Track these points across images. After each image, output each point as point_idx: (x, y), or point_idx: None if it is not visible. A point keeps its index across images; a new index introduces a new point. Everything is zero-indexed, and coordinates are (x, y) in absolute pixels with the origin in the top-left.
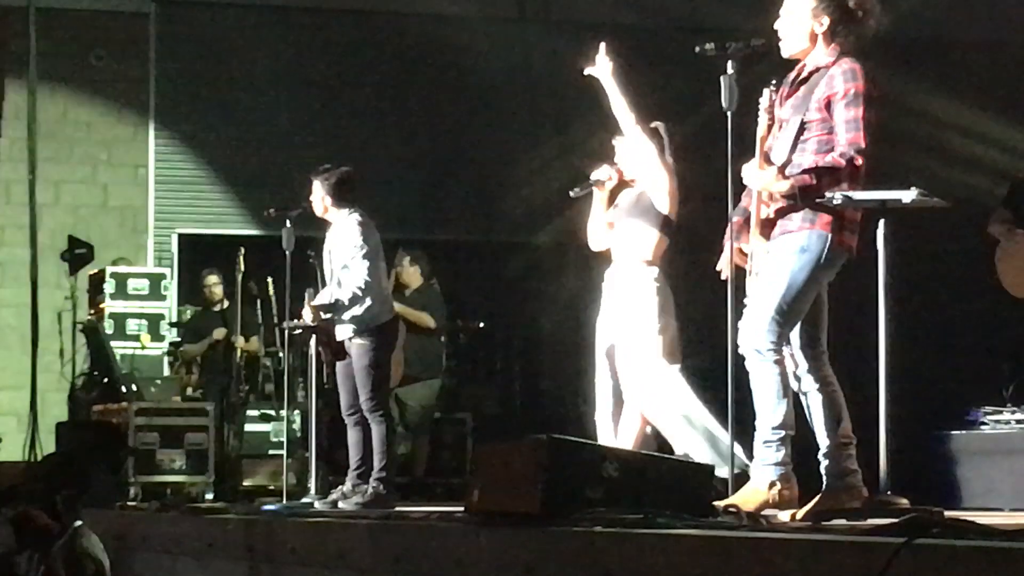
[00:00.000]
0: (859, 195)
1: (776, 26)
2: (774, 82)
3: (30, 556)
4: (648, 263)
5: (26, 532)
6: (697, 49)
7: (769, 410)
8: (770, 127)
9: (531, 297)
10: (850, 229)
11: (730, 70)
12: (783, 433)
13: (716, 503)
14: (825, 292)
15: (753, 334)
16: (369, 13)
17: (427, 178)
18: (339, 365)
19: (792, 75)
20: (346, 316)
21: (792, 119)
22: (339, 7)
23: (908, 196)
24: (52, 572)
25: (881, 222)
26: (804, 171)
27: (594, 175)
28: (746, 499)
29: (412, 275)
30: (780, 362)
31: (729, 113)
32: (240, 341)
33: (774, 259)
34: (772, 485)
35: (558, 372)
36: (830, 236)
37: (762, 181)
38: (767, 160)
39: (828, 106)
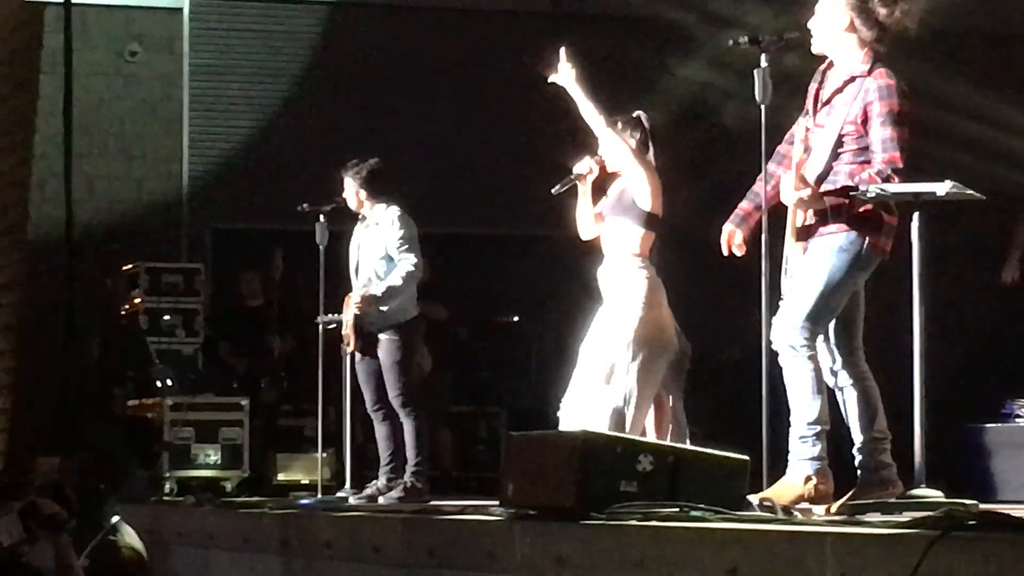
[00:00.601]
0: (893, 188)
1: (809, 24)
2: (807, 111)
3: (43, 546)
4: (636, 255)
5: (35, 522)
6: (731, 42)
7: (804, 406)
8: (806, 150)
9: (564, 290)
10: (887, 234)
11: (763, 63)
12: (818, 428)
13: (751, 497)
14: (862, 290)
15: (787, 331)
16: (401, 7)
17: (461, 171)
18: (361, 362)
19: (824, 78)
20: (377, 311)
21: (829, 127)
22: (369, 1)
23: (943, 189)
24: (63, 559)
25: (915, 215)
26: (840, 190)
27: (575, 169)
28: (781, 493)
29: None
30: (814, 358)
31: (763, 107)
32: (277, 342)
33: (811, 258)
34: (807, 480)
35: None
36: (867, 239)
37: (798, 200)
38: (803, 181)
39: (864, 121)
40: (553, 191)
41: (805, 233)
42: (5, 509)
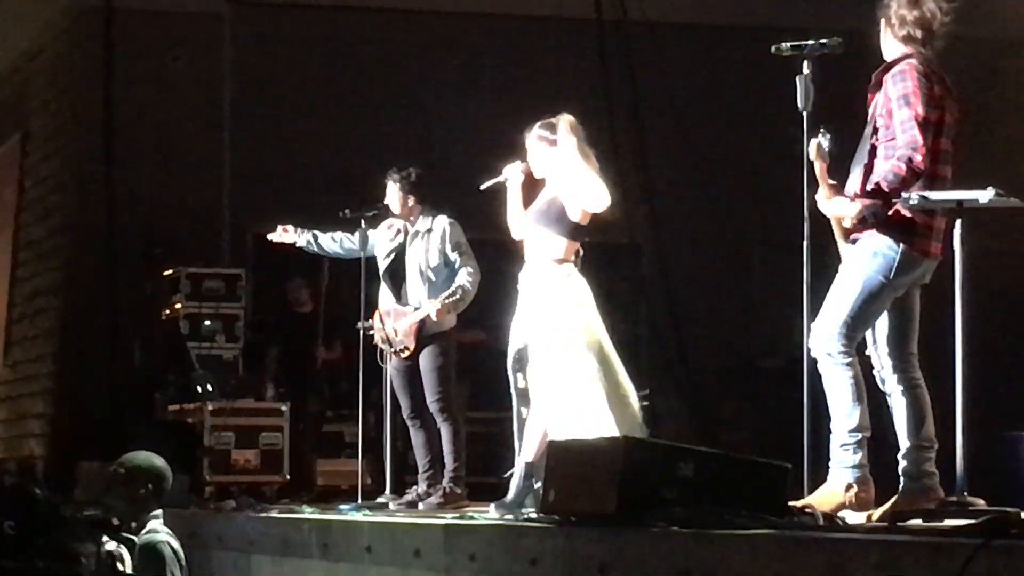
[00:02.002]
0: (935, 195)
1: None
2: (822, 129)
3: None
4: (559, 261)
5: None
6: (773, 49)
7: (844, 413)
8: (824, 166)
9: (605, 296)
10: (923, 235)
11: (806, 70)
12: (860, 436)
13: (793, 503)
14: (916, 295)
15: (824, 338)
16: (445, 13)
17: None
18: (396, 370)
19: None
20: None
21: (869, 124)
22: (411, 7)
23: (985, 196)
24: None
25: (958, 222)
26: (869, 193)
27: (504, 171)
28: (822, 500)
29: None
30: (853, 364)
31: (805, 113)
32: (322, 352)
33: (848, 264)
34: (849, 487)
35: (632, 372)
36: (901, 242)
37: (834, 210)
38: (833, 190)
39: (889, 111)
40: (481, 187)
41: (848, 235)
42: None
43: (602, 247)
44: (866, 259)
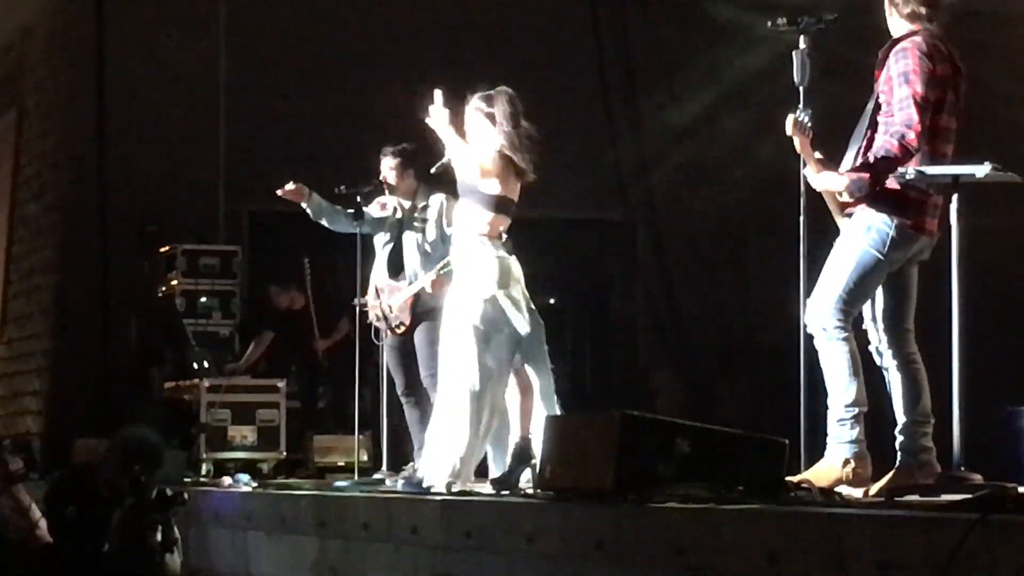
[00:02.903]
0: (931, 170)
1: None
2: (800, 105)
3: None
4: (483, 235)
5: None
6: (770, 24)
7: (841, 388)
8: (806, 141)
9: (601, 273)
10: (918, 211)
11: (802, 44)
12: (856, 411)
13: (790, 479)
14: (913, 271)
15: (819, 313)
16: None
17: None
18: (391, 347)
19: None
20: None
21: (872, 99)
22: None
23: (981, 171)
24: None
25: (954, 197)
26: (858, 167)
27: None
28: (819, 476)
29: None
30: (849, 339)
31: (801, 88)
32: (320, 343)
33: (842, 239)
34: (846, 463)
35: (628, 348)
36: (895, 217)
37: (823, 183)
38: (821, 164)
39: (890, 87)
40: (432, 171)
41: (844, 208)
42: None
43: (597, 224)
44: (860, 234)
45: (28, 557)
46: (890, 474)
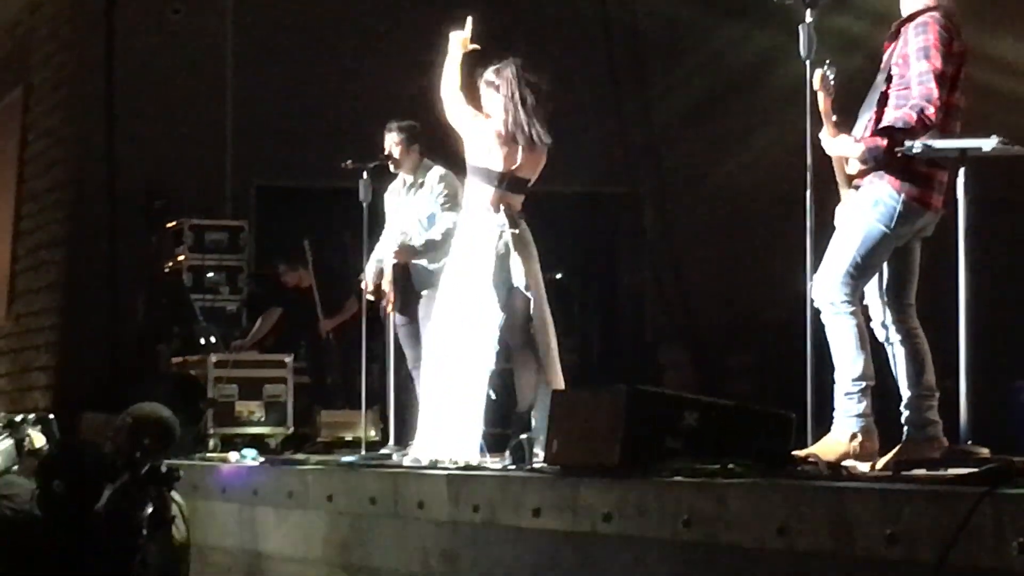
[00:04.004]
0: (938, 143)
1: None
2: (828, 61)
3: None
4: (486, 211)
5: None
6: None
7: (848, 362)
8: (828, 100)
9: (609, 248)
10: (923, 185)
11: (808, 19)
12: (863, 384)
13: (797, 453)
14: (917, 246)
15: (827, 287)
16: None
17: None
18: (402, 323)
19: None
20: (423, 269)
21: (882, 72)
22: None
23: (988, 144)
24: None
25: (961, 171)
26: (876, 132)
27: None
28: (827, 450)
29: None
30: (856, 313)
31: (808, 63)
32: (326, 325)
33: (850, 212)
34: (853, 437)
35: (636, 323)
36: (902, 191)
37: (837, 148)
38: (837, 129)
39: (906, 61)
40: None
41: (851, 180)
42: None
43: (605, 199)
44: (867, 207)
45: (13, 531)
46: (897, 448)
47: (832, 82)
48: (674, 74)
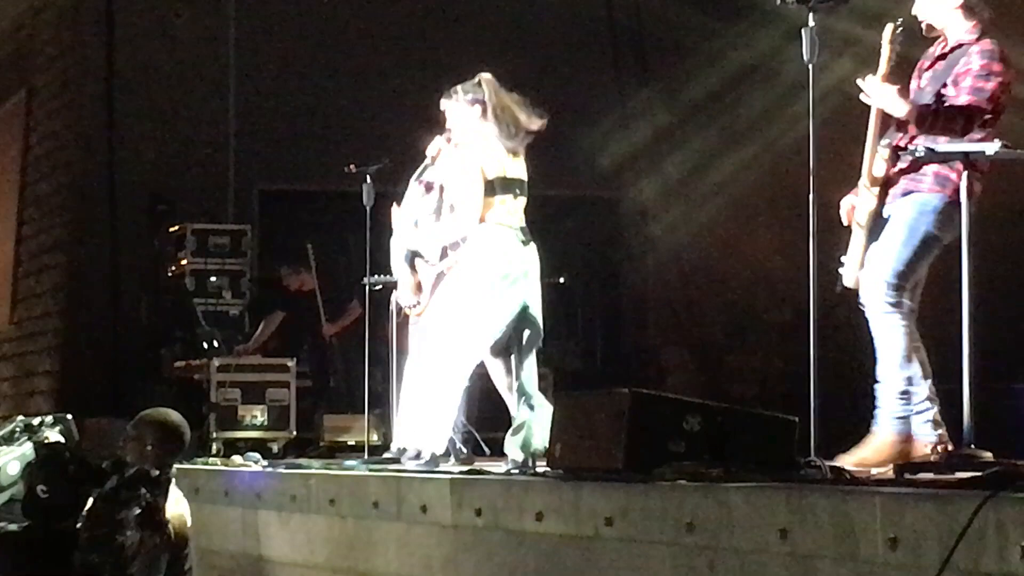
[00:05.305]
0: (941, 147)
1: (916, 8)
2: (900, 20)
3: None
4: (483, 222)
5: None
6: (779, 1)
7: (898, 363)
8: (893, 53)
9: (612, 251)
10: (975, 202)
11: (811, 22)
12: (920, 384)
13: (842, 460)
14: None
15: (874, 291)
16: None
17: None
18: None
19: (933, 48)
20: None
21: (928, 89)
22: None
23: (991, 148)
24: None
25: (964, 174)
26: (926, 104)
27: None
28: (877, 451)
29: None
30: (904, 315)
31: (811, 66)
32: (328, 329)
33: (903, 216)
34: (906, 438)
35: (639, 326)
36: (948, 196)
37: (883, 97)
38: (890, 81)
39: (967, 75)
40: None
41: (885, 183)
42: None
43: (608, 202)
44: (915, 213)
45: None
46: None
47: (900, 38)
48: (677, 79)
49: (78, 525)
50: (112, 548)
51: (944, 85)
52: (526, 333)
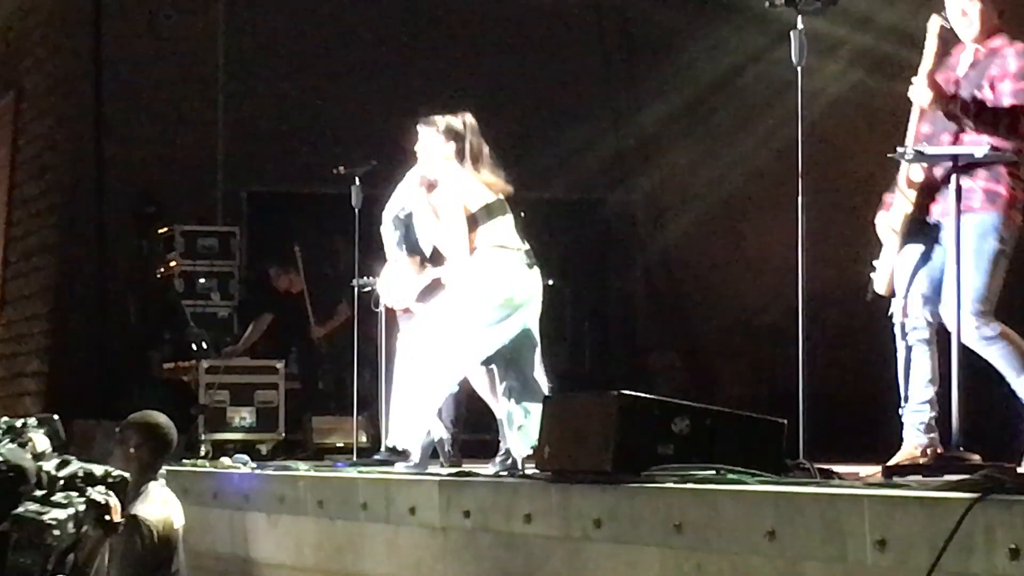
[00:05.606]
0: (930, 150)
1: (955, 14)
2: (944, 13)
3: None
4: (472, 253)
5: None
6: (767, 3)
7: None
8: (939, 53)
9: (601, 253)
10: (1013, 205)
11: (800, 25)
12: None
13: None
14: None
15: (971, 325)
16: None
17: (502, 136)
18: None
19: (958, 51)
20: None
21: (963, 93)
22: None
23: (980, 151)
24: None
25: (953, 177)
26: (967, 107)
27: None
28: None
29: None
30: (1003, 333)
31: (799, 68)
32: (316, 332)
33: (966, 245)
34: None
35: (628, 329)
36: (1003, 212)
37: (926, 95)
38: (934, 82)
39: (1003, 78)
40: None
41: (924, 188)
42: None
43: (597, 204)
44: (975, 236)
45: None
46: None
47: (947, 30)
48: (667, 80)
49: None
50: (41, 549)
51: (979, 88)
52: (524, 348)
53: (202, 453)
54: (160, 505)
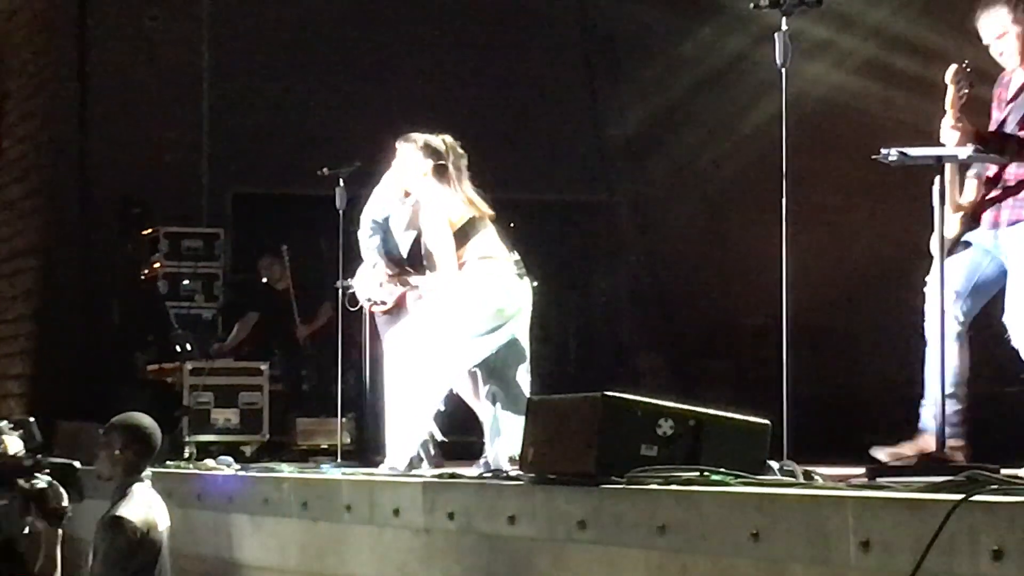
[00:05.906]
0: (914, 151)
1: (994, 45)
2: (967, 62)
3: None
4: (462, 268)
5: (39, 511)
6: (752, 5)
7: None
8: (960, 97)
9: (585, 256)
10: None
11: (784, 26)
12: None
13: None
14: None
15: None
16: None
17: (487, 137)
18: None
19: (1007, 76)
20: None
21: (1011, 119)
22: None
23: (964, 152)
24: (50, 551)
25: (936, 178)
26: (1012, 135)
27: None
28: None
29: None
30: None
31: (783, 70)
32: (301, 329)
33: (1012, 258)
34: None
35: (612, 330)
36: None
37: (952, 137)
38: (959, 121)
39: None
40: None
41: (975, 210)
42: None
43: (581, 205)
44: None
45: None
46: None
47: (968, 81)
48: (650, 81)
49: None
50: None
51: None
52: (510, 357)
53: (186, 455)
54: (144, 507)
